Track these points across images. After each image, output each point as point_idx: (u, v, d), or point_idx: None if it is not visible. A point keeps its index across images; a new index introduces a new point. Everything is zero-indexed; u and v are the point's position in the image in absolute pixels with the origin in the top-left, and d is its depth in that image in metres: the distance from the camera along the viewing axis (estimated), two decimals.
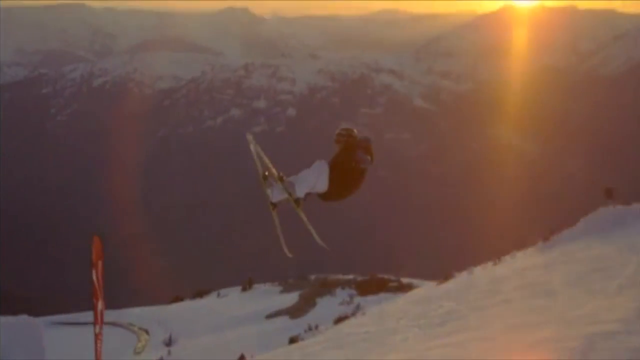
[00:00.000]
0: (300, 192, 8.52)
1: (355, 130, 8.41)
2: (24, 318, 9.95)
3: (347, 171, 8.29)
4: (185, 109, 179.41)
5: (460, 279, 16.65)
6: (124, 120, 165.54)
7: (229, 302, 38.04)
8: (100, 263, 8.82)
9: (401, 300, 17.64)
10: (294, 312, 31.38)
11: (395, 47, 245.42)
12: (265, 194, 8.79)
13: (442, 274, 20.39)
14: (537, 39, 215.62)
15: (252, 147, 8.59)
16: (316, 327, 23.27)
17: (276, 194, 8.97)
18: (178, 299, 42.58)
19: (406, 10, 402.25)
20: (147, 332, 32.16)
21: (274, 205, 9.07)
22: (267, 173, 8.79)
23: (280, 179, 8.62)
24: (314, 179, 8.39)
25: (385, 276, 36.97)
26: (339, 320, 21.30)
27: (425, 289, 20.53)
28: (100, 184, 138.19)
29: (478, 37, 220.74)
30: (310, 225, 8.74)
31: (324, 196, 8.54)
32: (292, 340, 20.28)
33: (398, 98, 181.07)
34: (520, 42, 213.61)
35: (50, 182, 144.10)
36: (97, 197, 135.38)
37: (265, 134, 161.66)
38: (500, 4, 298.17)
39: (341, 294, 34.11)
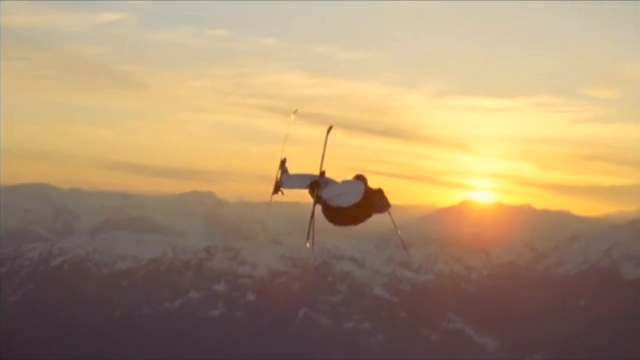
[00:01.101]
0: (326, 194, 10.08)
1: None
2: None
3: (370, 204, 9.53)
4: (144, 290, 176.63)
5: None
6: (80, 300, 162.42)
7: None
8: None
9: None
10: None
11: (357, 235, 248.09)
12: (276, 176, 10.55)
13: None
14: (495, 235, 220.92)
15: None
16: None
17: (287, 182, 10.66)
18: None
19: None
20: None
21: (277, 189, 10.00)
22: (285, 158, 10.61)
23: (322, 174, 10.11)
24: (344, 190, 10.06)
25: None
26: None
27: None
28: None
29: (438, 229, 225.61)
30: (312, 223, 9.62)
31: (335, 212, 9.33)
32: None
33: (358, 286, 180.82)
34: (478, 236, 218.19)
35: None
36: None
37: (224, 318, 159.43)
38: (460, 198, 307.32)
39: None
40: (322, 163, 10.34)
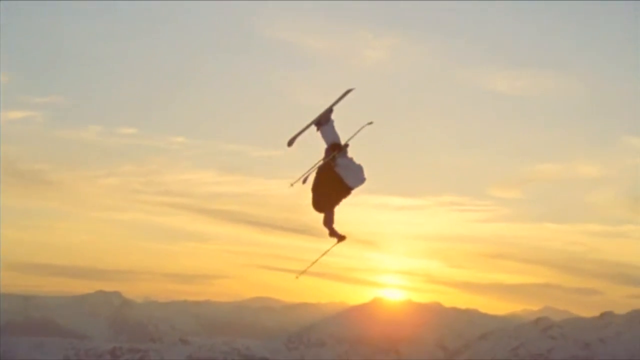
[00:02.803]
0: (341, 161, 11.40)
1: None
2: None
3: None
4: None
5: None
6: None
7: None
8: None
9: None
10: None
11: (268, 334, 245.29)
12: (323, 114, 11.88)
13: None
14: (406, 333, 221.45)
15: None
16: None
17: (330, 126, 11.94)
18: None
19: (279, 299, 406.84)
20: None
21: (318, 125, 11.91)
22: (333, 108, 11.92)
23: (346, 145, 11.59)
24: (356, 169, 11.39)
25: None
26: None
27: None
28: None
29: (349, 328, 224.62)
30: (315, 165, 11.51)
31: (332, 177, 11.39)
32: None
33: None
34: (390, 335, 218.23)
35: None
36: None
37: None
38: (371, 296, 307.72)
39: None
40: (352, 138, 11.76)
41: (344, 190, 11.47)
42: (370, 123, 12.35)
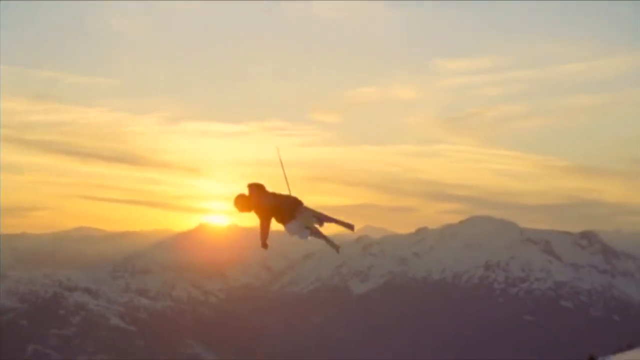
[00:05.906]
0: (297, 227, 13.17)
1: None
2: None
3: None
4: None
5: None
6: None
7: None
8: None
9: None
10: None
11: (91, 265, 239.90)
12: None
13: None
14: (232, 257, 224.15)
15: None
16: None
17: (300, 227, 13.20)
18: None
19: (101, 228, 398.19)
20: None
21: (319, 220, 13.67)
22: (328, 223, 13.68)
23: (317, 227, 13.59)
24: (297, 232, 13.04)
25: None
26: None
27: None
28: None
29: (175, 254, 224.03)
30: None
31: (290, 206, 12.88)
32: None
33: (93, 318, 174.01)
34: (216, 260, 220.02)
35: None
36: None
37: None
38: (196, 222, 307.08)
39: None
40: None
41: (284, 219, 12.83)
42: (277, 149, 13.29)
